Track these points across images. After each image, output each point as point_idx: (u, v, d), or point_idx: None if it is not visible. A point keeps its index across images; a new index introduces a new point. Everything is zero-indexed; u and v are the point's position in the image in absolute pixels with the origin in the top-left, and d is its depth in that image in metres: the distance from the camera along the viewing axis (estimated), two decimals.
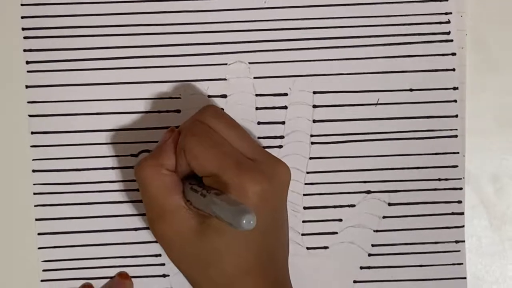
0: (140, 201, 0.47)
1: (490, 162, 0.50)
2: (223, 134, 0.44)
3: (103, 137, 0.49)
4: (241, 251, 0.43)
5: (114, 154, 0.49)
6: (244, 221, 0.37)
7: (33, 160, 0.49)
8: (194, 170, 0.43)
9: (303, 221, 0.49)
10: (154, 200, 0.44)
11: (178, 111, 0.49)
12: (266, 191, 0.42)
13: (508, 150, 0.50)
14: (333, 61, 0.49)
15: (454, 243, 0.49)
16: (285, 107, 0.49)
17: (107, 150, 0.49)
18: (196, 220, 0.43)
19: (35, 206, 0.49)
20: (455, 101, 0.49)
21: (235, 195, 0.41)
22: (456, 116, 0.49)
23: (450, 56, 0.49)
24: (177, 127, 0.46)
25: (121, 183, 0.49)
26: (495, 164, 0.50)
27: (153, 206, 0.44)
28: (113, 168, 0.49)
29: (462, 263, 0.49)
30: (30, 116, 0.49)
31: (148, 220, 0.45)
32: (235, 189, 0.42)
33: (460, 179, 0.49)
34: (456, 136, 0.49)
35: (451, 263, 0.49)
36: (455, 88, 0.49)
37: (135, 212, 0.49)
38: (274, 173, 0.43)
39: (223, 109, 0.49)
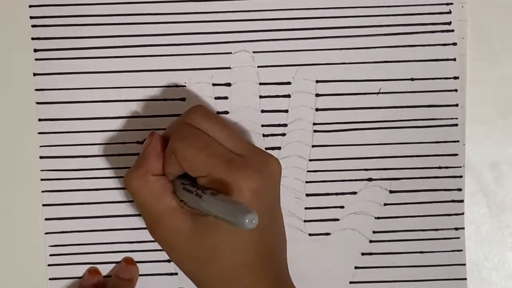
0: None
1: (490, 150, 0.50)
2: (211, 134, 0.44)
3: (109, 124, 0.50)
4: (239, 246, 0.43)
5: (119, 141, 0.50)
6: (246, 221, 0.38)
7: (40, 146, 0.49)
8: (187, 172, 0.44)
9: (306, 208, 0.50)
10: (147, 207, 0.45)
11: (183, 99, 0.50)
12: (259, 186, 0.43)
13: (507, 138, 0.50)
14: (336, 51, 0.50)
15: (454, 230, 0.50)
16: (289, 96, 0.50)
17: (112, 137, 0.50)
18: (191, 219, 0.44)
19: (42, 191, 0.49)
20: (456, 90, 0.50)
21: (230, 192, 0.42)
22: (457, 105, 0.50)
23: (451, 46, 0.50)
24: (155, 129, 0.47)
25: (126, 169, 0.49)
26: (494, 152, 0.51)
27: (148, 213, 0.45)
28: (118, 155, 0.50)
29: (461, 250, 0.50)
30: (37, 103, 0.49)
31: (146, 227, 0.46)
32: (230, 187, 0.42)
33: (460, 167, 0.50)
34: (456, 125, 0.50)
35: (450, 249, 0.50)
36: (455, 78, 0.50)
37: None
38: (265, 167, 0.44)
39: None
